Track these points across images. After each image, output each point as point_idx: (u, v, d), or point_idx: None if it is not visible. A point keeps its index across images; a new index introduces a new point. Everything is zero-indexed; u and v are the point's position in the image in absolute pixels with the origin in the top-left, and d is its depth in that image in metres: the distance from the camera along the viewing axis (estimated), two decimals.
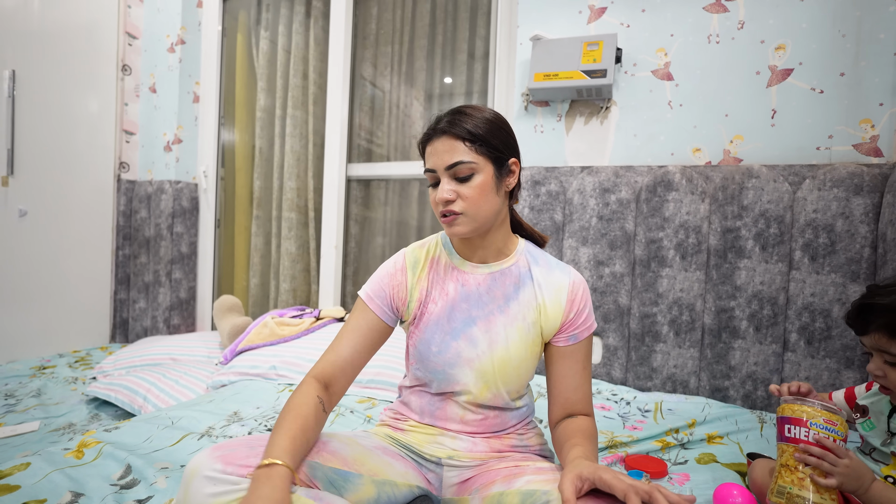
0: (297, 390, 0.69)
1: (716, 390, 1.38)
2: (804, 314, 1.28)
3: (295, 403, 0.66)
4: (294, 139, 2.22)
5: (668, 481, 0.90)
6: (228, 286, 2.42)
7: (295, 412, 0.65)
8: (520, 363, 0.75)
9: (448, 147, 0.71)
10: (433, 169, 0.72)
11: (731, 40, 1.42)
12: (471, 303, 0.76)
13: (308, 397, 0.68)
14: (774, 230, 1.31)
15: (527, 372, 0.77)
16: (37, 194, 2.00)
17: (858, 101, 1.29)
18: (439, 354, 0.76)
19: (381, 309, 0.77)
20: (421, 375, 0.79)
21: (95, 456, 0.92)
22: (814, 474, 0.65)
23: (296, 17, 2.24)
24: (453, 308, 0.76)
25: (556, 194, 1.58)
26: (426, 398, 0.80)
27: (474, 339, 0.75)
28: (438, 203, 0.72)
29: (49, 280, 2.06)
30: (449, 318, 0.76)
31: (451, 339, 0.75)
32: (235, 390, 1.37)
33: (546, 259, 0.80)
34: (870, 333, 0.70)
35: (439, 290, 0.78)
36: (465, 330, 0.75)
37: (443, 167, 0.71)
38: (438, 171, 0.72)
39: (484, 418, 0.78)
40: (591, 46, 1.52)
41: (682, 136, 1.48)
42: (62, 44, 2.06)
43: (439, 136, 0.72)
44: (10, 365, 1.83)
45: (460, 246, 0.79)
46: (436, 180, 0.73)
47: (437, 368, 0.76)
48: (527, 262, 0.78)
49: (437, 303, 0.77)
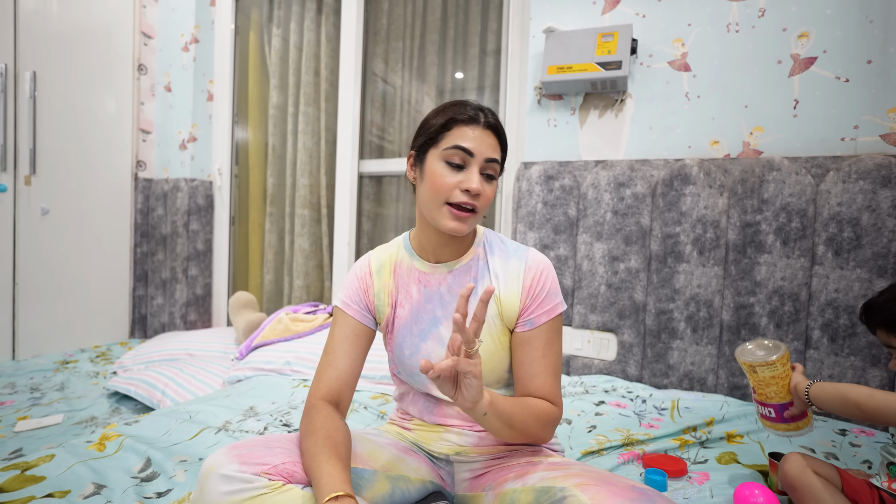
0: (316, 415, 0.66)
1: (734, 388, 1.35)
2: (828, 311, 1.24)
3: (327, 427, 0.63)
4: (306, 136, 2.23)
5: (688, 480, 0.88)
6: (243, 282, 2.45)
7: (334, 438, 0.62)
8: (490, 357, 0.73)
9: (492, 142, 0.69)
10: (473, 152, 0.67)
11: (751, 29, 1.38)
12: (434, 303, 0.75)
13: (336, 420, 0.66)
14: (796, 224, 1.27)
15: (500, 363, 0.75)
16: (58, 193, 2.05)
17: (886, 89, 1.24)
18: (412, 357, 0.76)
19: (359, 313, 0.76)
20: (404, 379, 0.79)
21: (116, 449, 0.94)
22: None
23: (307, 13, 2.24)
24: (419, 310, 0.76)
25: (569, 189, 1.56)
26: (420, 402, 0.80)
27: (442, 339, 0.74)
28: (465, 190, 0.67)
29: (70, 277, 2.11)
30: (416, 320, 0.76)
31: (420, 342, 0.75)
32: (251, 385, 1.39)
33: (503, 246, 0.77)
34: (876, 332, 0.74)
35: (405, 294, 0.77)
36: (432, 330, 0.75)
37: (483, 158, 0.68)
38: (476, 158, 0.68)
39: None
40: (606, 38, 1.49)
41: (699, 128, 1.45)
42: (80, 45, 2.10)
43: (484, 127, 0.69)
44: (34, 359, 1.89)
45: (422, 247, 0.76)
46: (461, 163, 0.68)
47: (412, 371, 0.76)
48: (484, 254, 0.76)
49: (405, 307, 0.76)
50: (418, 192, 0.74)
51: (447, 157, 0.68)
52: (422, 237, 0.76)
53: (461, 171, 0.68)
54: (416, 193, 0.75)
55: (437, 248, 0.75)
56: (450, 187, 0.68)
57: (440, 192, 0.68)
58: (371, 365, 1.41)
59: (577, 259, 1.55)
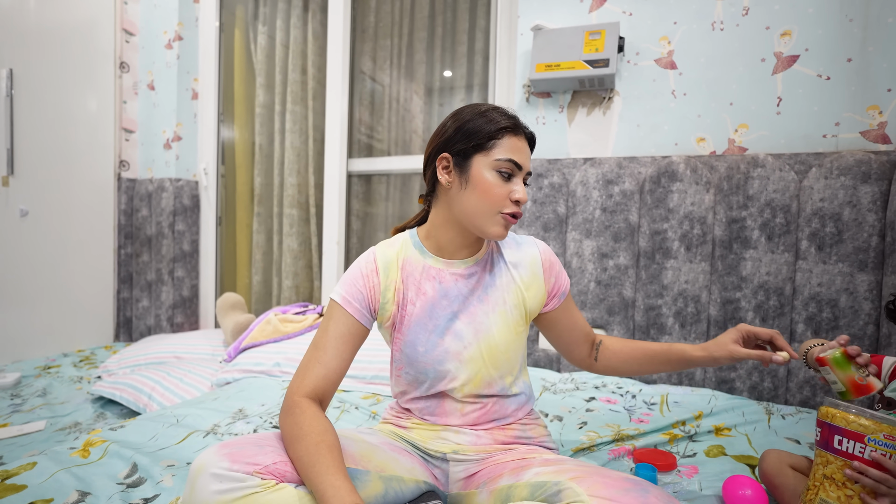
0: (301, 415, 0.64)
1: (722, 382, 1.37)
2: (811, 304, 1.27)
3: (317, 430, 0.62)
4: (294, 135, 2.21)
5: (677, 474, 0.89)
6: (231, 283, 2.42)
7: (327, 442, 0.61)
8: (507, 346, 0.76)
9: (529, 152, 0.74)
10: (521, 166, 0.72)
11: (735, 27, 1.40)
12: (450, 299, 0.76)
13: (324, 421, 0.64)
14: (780, 220, 1.30)
15: (515, 353, 0.78)
16: (37, 194, 2.00)
17: (866, 87, 1.27)
18: (427, 353, 0.75)
19: (359, 312, 0.74)
20: (412, 378, 0.78)
21: (101, 455, 0.92)
22: (864, 493, 0.59)
23: (293, 11, 2.21)
24: (434, 307, 0.75)
25: (558, 186, 1.57)
26: (421, 402, 0.79)
27: (459, 333, 0.75)
28: (516, 200, 0.71)
29: (52, 280, 2.06)
30: (430, 316, 0.75)
31: (436, 337, 0.75)
32: (240, 388, 1.37)
33: (510, 238, 0.82)
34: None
35: (415, 291, 0.76)
36: (449, 326, 0.75)
37: (527, 171, 0.73)
38: (523, 170, 0.72)
39: (482, 407, 0.78)
40: (593, 36, 1.49)
41: (686, 125, 1.46)
42: (59, 42, 2.05)
43: (524, 140, 0.73)
44: (15, 365, 1.84)
45: (437, 245, 0.77)
46: (510, 173, 0.71)
47: (426, 367, 0.76)
48: (497, 247, 0.80)
49: (416, 304, 0.76)
50: (456, 197, 0.72)
51: (499, 168, 0.70)
52: (442, 238, 0.76)
53: (510, 181, 0.71)
54: (449, 197, 0.74)
55: (459, 248, 0.77)
56: (502, 197, 0.71)
57: (495, 201, 0.71)
58: (362, 364, 1.40)
59: (567, 256, 1.56)
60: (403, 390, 0.81)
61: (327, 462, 0.58)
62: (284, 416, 0.66)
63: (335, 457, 0.59)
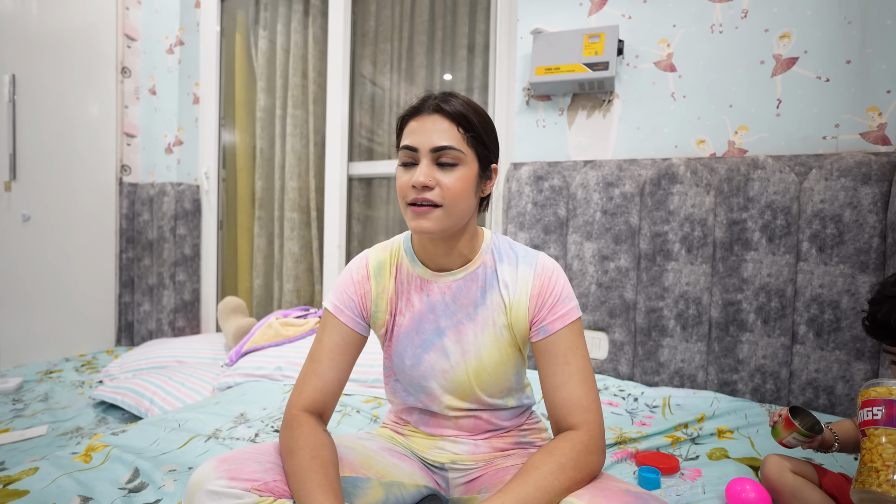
0: (298, 429, 0.63)
1: (724, 384, 1.37)
2: (813, 306, 1.27)
3: (312, 445, 0.60)
4: (295, 139, 2.22)
5: (680, 477, 0.89)
6: (232, 287, 2.42)
7: (321, 458, 0.59)
8: (495, 369, 0.71)
9: (440, 127, 0.63)
10: (415, 147, 0.63)
11: (734, 29, 1.40)
12: (437, 314, 0.71)
13: (321, 435, 0.63)
14: (781, 221, 1.30)
15: (505, 375, 0.72)
16: (39, 199, 2.00)
17: (865, 88, 1.27)
18: (413, 368, 0.73)
19: (352, 320, 0.71)
20: (401, 388, 0.77)
21: (103, 460, 0.92)
22: None
23: (294, 15, 2.22)
24: (421, 320, 0.72)
25: (559, 189, 1.57)
26: (415, 414, 0.79)
27: (446, 351, 0.71)
28: (412, 186, 0.62)
29: (54, 284, 2.06)
30: (417, 330, 0.72)
31: (422, 352, 0.72)
32: (241, 392, 1.37)
33: (513, 252, 0.72)
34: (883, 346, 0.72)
35: (405, 301, 0.73)
36: (436, 341, 0.71)
37: (428, 148, 0.62)
38: (421, 151, 0.63)
39: (475, 419, 0.76)
40: (593, 39, 1.50)
41: (686, 127, 1.47)
42: (61, 47, 2.06)
43: (430, 113, 0.64)
44: (17, 369, 1.84)
45: (423, 253, 0.71)
46: (411, 160, 0.64)
47: (413, 381, 0.74)
48: (493, 262, 0.71)
49: (405, 314, 0.73)
50: None
51: (401, 159, 0.65)
52: (424, 245, 0.71)
53: (413, 169, 0.64)
54: None
55: (436, 255, 0.70)
56: (405, 187, 0.64)
57: (401, 194, 0.65)
58: (363, 368, 1.40)
59: (568, 259, 1.56)
60: (397, 399, 0.80)
61: (318, 480, 0.56)
62: (283, 430, 0.65)
63: (328, 474, 0.58)
